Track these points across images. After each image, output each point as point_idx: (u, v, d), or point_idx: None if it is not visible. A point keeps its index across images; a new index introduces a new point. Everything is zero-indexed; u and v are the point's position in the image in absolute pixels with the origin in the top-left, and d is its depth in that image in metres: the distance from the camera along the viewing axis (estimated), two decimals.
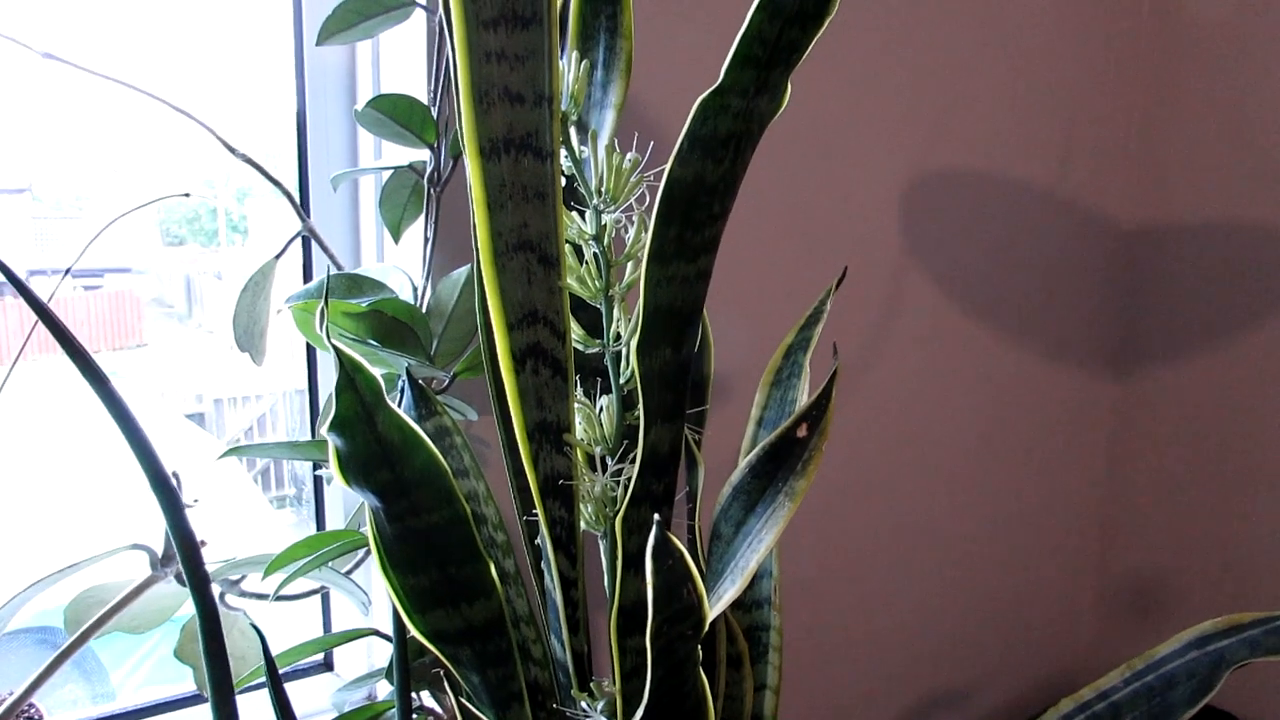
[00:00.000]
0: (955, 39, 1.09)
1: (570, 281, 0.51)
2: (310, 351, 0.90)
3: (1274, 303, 1.17)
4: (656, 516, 0.38)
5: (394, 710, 0.70)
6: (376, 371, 0.47)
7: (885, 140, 1.06)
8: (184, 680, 0.96)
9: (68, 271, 0.71)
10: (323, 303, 0.45)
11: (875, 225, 1.07)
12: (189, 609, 0.82)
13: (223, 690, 0.52)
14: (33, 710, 0.77)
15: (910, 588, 1.20)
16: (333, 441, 0.46)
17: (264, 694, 0.91)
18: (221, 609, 0.83)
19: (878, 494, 1.15)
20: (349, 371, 0.45)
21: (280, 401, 2.44)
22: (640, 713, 0.41)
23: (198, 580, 0.51)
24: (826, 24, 0.42)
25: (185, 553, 0.50)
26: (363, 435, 0.47)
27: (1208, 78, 1.20)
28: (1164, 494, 1.29)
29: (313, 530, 0.92)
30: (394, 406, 0.47)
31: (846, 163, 1.04)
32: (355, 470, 0.48)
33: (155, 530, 0.78)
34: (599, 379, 0.56)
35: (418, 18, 0.75)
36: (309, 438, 0.91)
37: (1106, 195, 1.27)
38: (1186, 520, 1.26)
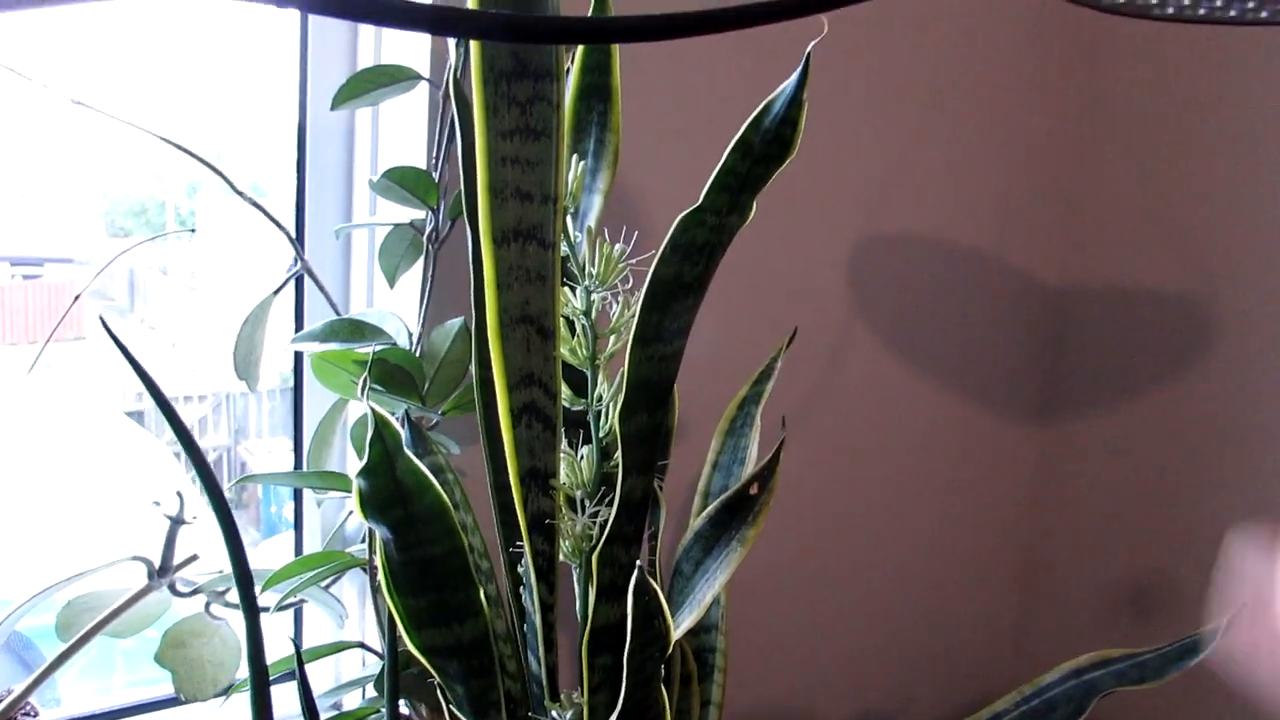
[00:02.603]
0: (899, 113, 1.21)
1: (563, 351, 0.60)
2: (299, 380, 0.97)
3: (1181, 360, 1.31)
4: (639, 562, 0.47)
5: (374, 717, 0.78)
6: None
7: (834, 206, 1.17)
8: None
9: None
10: (367, 368, 0.53)
11: (824, 285, 1.18)
12: (170, 616, 0.88)
13: (263, 708, 0.59)
14: (29, 708, 0.82)
15: (845, 615, 1.31)
16: (359, 484, 0.54)
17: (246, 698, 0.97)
18: (205, 617, 0.89)
19: (813, 528, 1.25)
20: (379, 427, 0.53)
21: (224, 403, 2.45)
22: (616, 714, 0.49)
23: (250, 605, 0.58)
24: (788, 162, 0.52)
25: (241, 580, 0.57)
26: (384, 479, 0.55)
27: (1128, 153, 1.34)
28: (1081, 532, 1.42)
29: (258, 532, 0.97)
30: (410, 455, 0.55)
31: (798, 229, 1.14)
32: (374, 507, 0.56)
33: (151, 542, 0.84)
34: (580, 430, 0.65)
35: (421, 88, 0.83)
36: (294, 466, 0.97)
37: (1035, 257, 1.40)
38: (1104, 554, 1.39)
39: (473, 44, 0.54)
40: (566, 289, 0.63)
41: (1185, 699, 1.30)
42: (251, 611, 0.59)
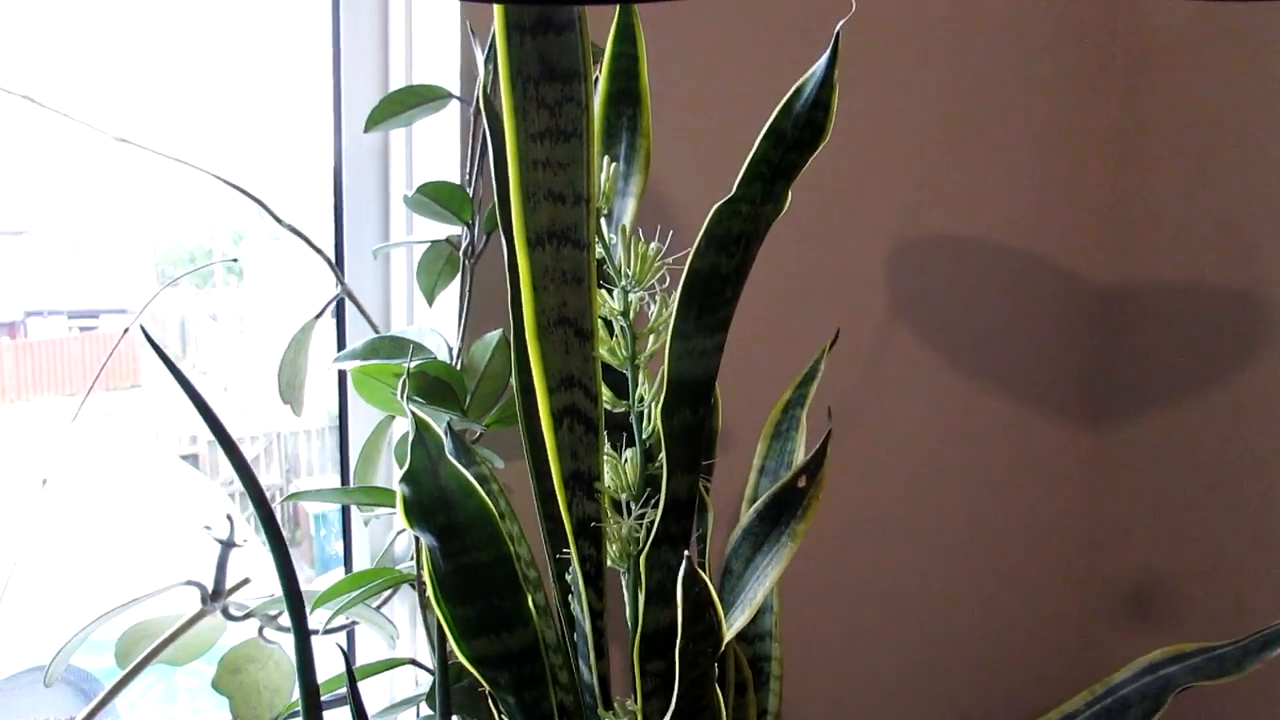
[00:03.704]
0: (940, 110, 1.19)
1: (602, 352, 0.60)
2: (343, 405, 0.98)
3: (1234, 353, 1.27)
4: (686, 553, 0.46)
5: None
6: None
7: (874, 205, 1.16)
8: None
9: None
10: (404, 376, 0.53)
11: (865, 286, 1.17)
12: (225, 642, 0.89)
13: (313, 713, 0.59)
14: None
15: (902, 625, 1.28)
16: (402, 490, 0.54)
17: None
18: (259, 642, 0.89)
19: (864, 536, 1.23)
20: (420, 431, 0.53)
21: (274, 443, 2.49)
22: (669, 715, 0.48)
23: (299, 624, 0.58)
24: (821, 148, 0.51)
25: (290, 597, 0.57)
26: (427, 484, 0.55)
27: (1175, 147, 1.31)
28: (1141, 533, 1.37)
29: (312, 570, 0.98)
30: (453, 460, 0.55)
31: (835, 230, 1.13)
32: (418, 514, 0.56)
33: (204, 568, 0.85)
34: (623, 433, 0.64)
35: (452, 106, 0.84)
36: (340, 483, 0.98)
37: (1079, 252, 1.37)
38: (1164, 557, 1.35)
39: (500, 49, 0.54)
40: (604, 291, 0.62)
41: (1264, 696, 1.24)
42: (301, 631, 0.59)
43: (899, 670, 1.29)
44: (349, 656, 0.63)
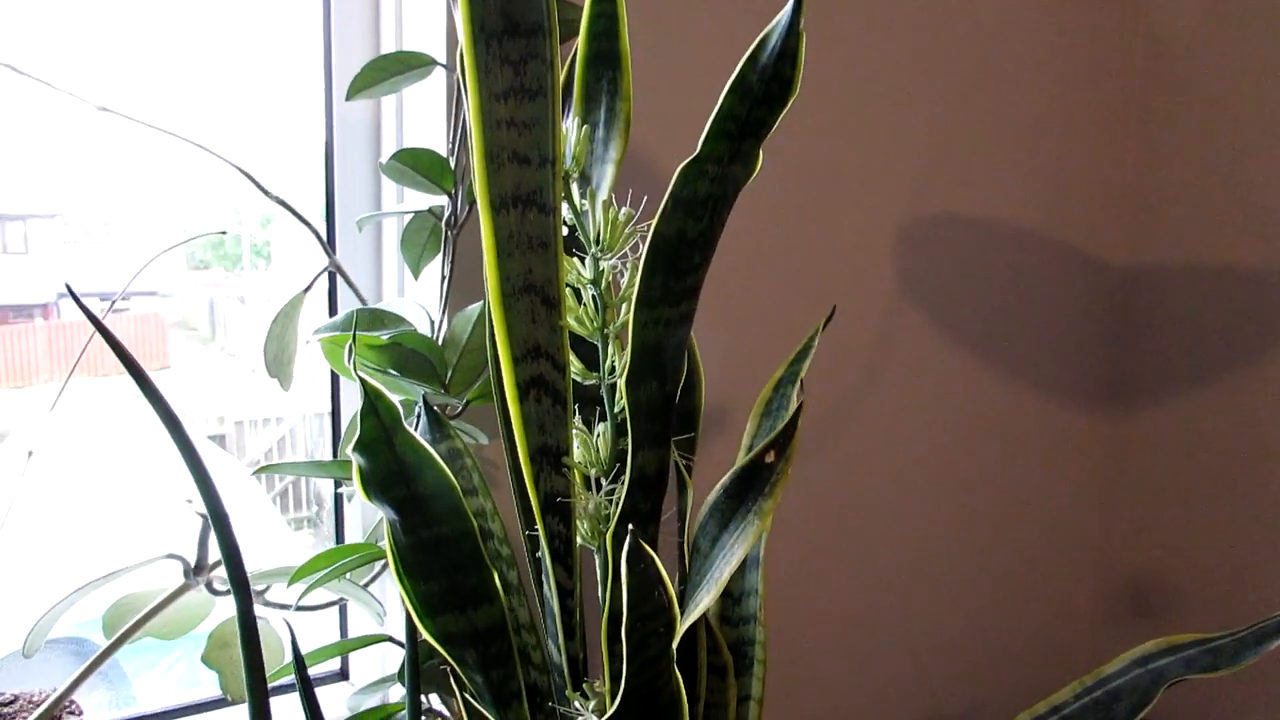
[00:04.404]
0: (949, 82, 1.15)
1: (570, 321, 0.58)
2: (335, 379, 0.96)
3: (1258, 341, 1.22)
4: (630, 526, 0.44)
5: (404, 712, 0.76)
6: (396, 399, 0.53)
7: (879, 183, 1.12)
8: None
9: (123, 294, 0.77)
10: (351, 338, 0.51)
11: (870, 264, 1.13)
12: (215, 618, 0.88)
13: (258, 688, 0.58)
14: (74, 706, 0.83)
15: (902, 612, 1.25)
16: (356, 460, 0.53)
17: (288, 699, 0.97)
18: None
19: (870, 522, 1.20)
20: (371, 399, 0.51)
21: (300, 424, 2.51)
22: (617, 700, 0.46)
23: (239, 585, 0.57)
24: (790, 104, 0.48)
25: (229, 558, 0.56)
26: (383, 455, 0.53)
27: (1198, 120, 1.26)
28: (1154, 528, 1.33)
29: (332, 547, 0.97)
30: (410, 430, 0.54)
31: (842, 204, 1.10)
32: (375, 486, 0.54)
33: (187, 543, 0.84)
34: (596, 407, 0.62)
35: (438, 75, 0.82)
36: (332, 458, 0.97)
37: (1097, 235, 1.32)
38: (1178, 547, 1.30)
39: (460, 3, 0.52)
40: (575, 259, 0.60)
41: (1263, 691, 1.20)
42: (243, 592, 0.57)
43: (897, 660, 1.26)
44: (294, 634, 0.62)
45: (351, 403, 0.96)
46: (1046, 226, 1.27)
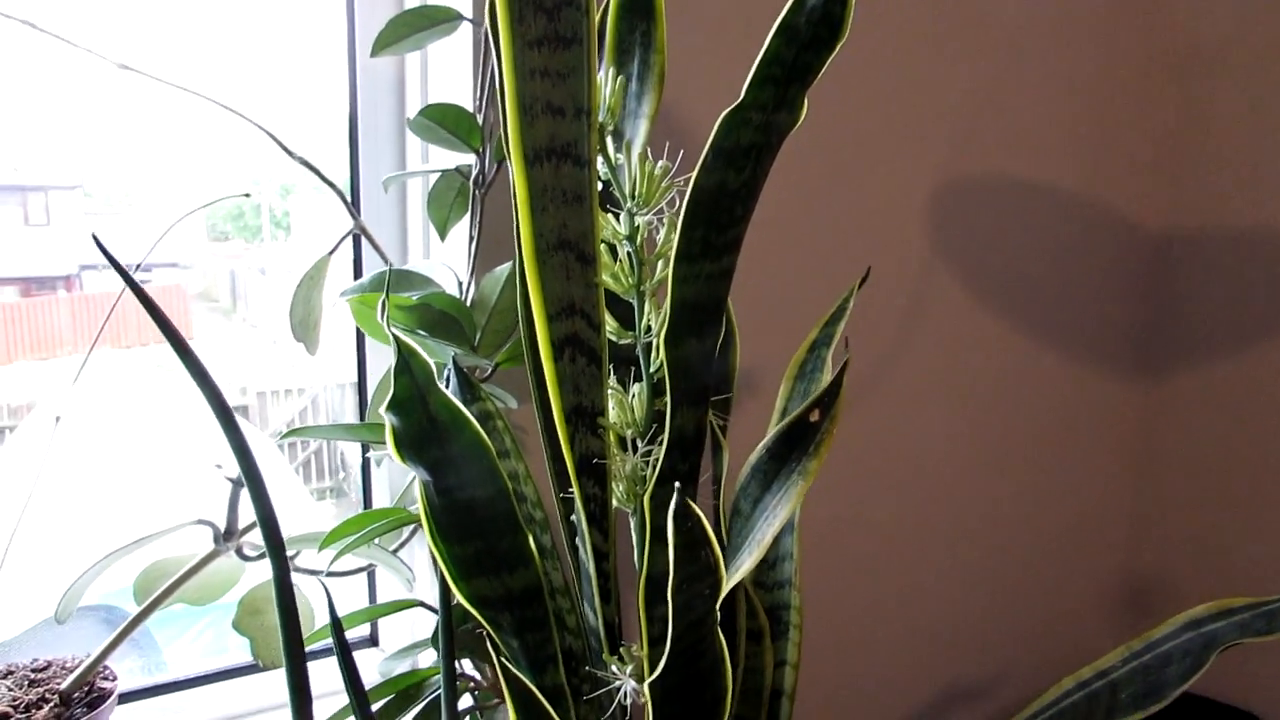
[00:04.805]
0: (986, 45, 1.12)
1: (605, 278, 0.56)
2: (360, 346, 0.95)
3: None
4: (677, 484, 0.42)
5: (437, 676, 0.75)
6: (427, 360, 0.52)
7: (915, 144, 1.10)
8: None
9: (137, 266, 0.76)
10: (384, 295, 0.50)
11: (903, 227, 1.11)
12: (245, 585, 0.88)
13: (295, 652, 0.58)
14: (108, 672, 0.83)
15: (932, 581, 1.23)
16: (389, 420, 0.51)
17: (320, 664, 0.97)
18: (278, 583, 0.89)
19: (901, 489, 1.18)
20: (405, 356, 0.50)
21: (321, 395, 2.51)
22: (662, 663, 0.45)
23: (275, 548, 0.57)
24: (839, 48, 0.46)
25: (265, 521, 0.56)
26: (416, 414, 0.52)
27: (1238, 83, 1.22)
28: (1190, 496, 1.30)
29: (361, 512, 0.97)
30: (443, 389, 0.52)
31: (876, 165, 1.07)
32: (409, 446, 0.53)
33: (216, 510, 0.84)
34: (631, 367, 0.61)
35: (464, 30, 0.80)
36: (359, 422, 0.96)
37: (1135, 199, 1.29)
38: (1211, 522, 1.28)
39: None
40: (609, 215, 0.58)
41: None
42: (282, 574, 0.57)
43: (928, 626, 1.25)
44: (330, 596, 0.61)
45: (377, 368, 0.96)
46: (1083, 191, 1.24)
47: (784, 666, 0.70)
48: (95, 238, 0.51)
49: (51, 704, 0.79)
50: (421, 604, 0.77)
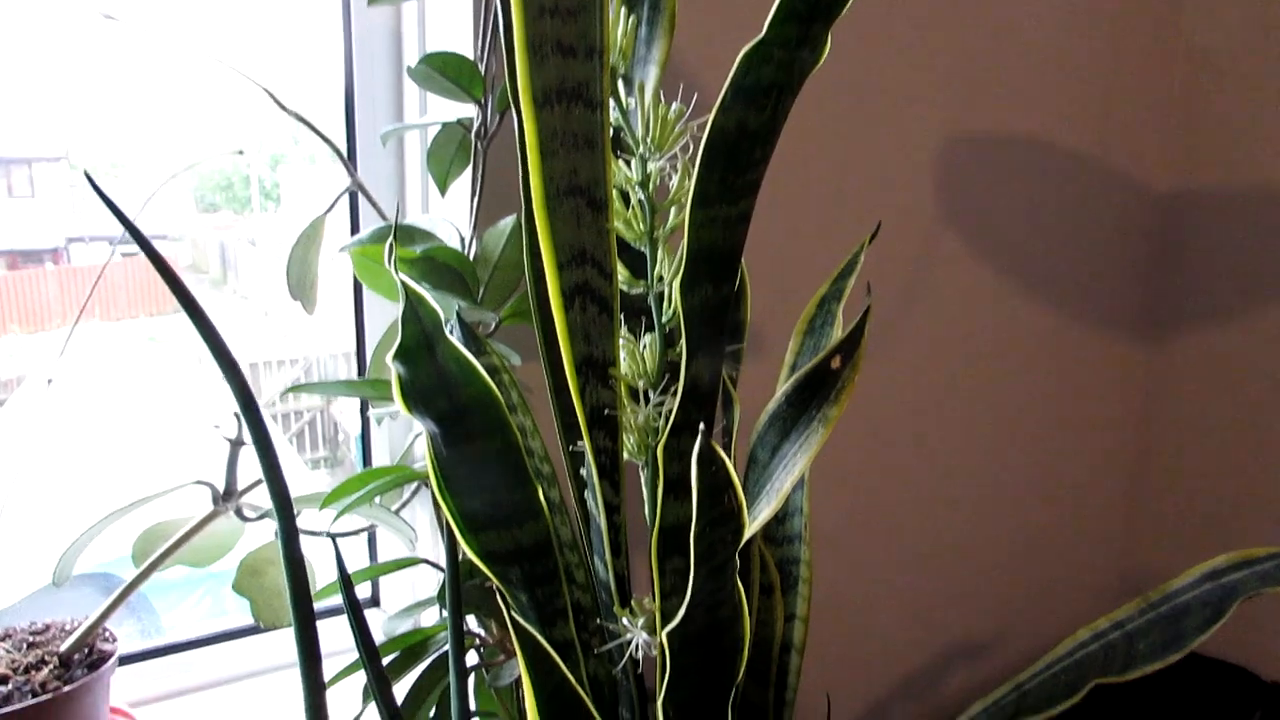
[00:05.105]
0: (996, 1, 1.10)
1: (617, 225, 0.55)
2: (358, 306, 0.94)
3: None
4: (702, 425, 0.41)
5: (442, 633, 0.75)
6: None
7: (923, 100, 1.08)
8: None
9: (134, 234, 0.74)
10: (390, 242, 0.48)
11: (911, 184, 1.10)
12: (244, 547, 0.87)
13: (304, 612, 0.57)
14: (107, 634, 0.82)
15: (936, 539, 1.23)
16: (396, 369, 0.50)
17: (323, 624, 0.96)
18: (279, 545, 0.88)
19: (907, 447, 1.18)
20: (413, 303, 0.48)
21: (315, 365, 2.49)
22: (682, 610, 0.44)
23: (282, 505, 0.55)
24: None
25: (272, 478, 0.54)
26: (424, 364, 0.51)
27: (1248, 41, 1.21)
28: (1193, 460, 1.31)
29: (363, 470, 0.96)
30: (453, 340, 0.51)
31: (883, 122, 1.06)
32: (416, 397, 0.52)
33: (215, 470, 0.83)
34: (642, 318, 0.59)
35: None
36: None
37: (1143, 159, 1.28)
38: (1213, 486, 1.28)
39: None
40: (620, 162, 0.57)
41: None
42: (289, 534, 0.56)
43: (933, 580, 1.25)
44: (339, 551, 0.60)
45: (374, 331, 0.94)
46: (1091, 148, 1.23)
47: (794, 620, 0.70)
48: (90, 178, 0.49)
49: (51, 666, 0.78)
50: (427, 561, 0.77)
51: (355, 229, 0.94)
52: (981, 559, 1.28)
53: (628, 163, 0.56)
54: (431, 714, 0.75)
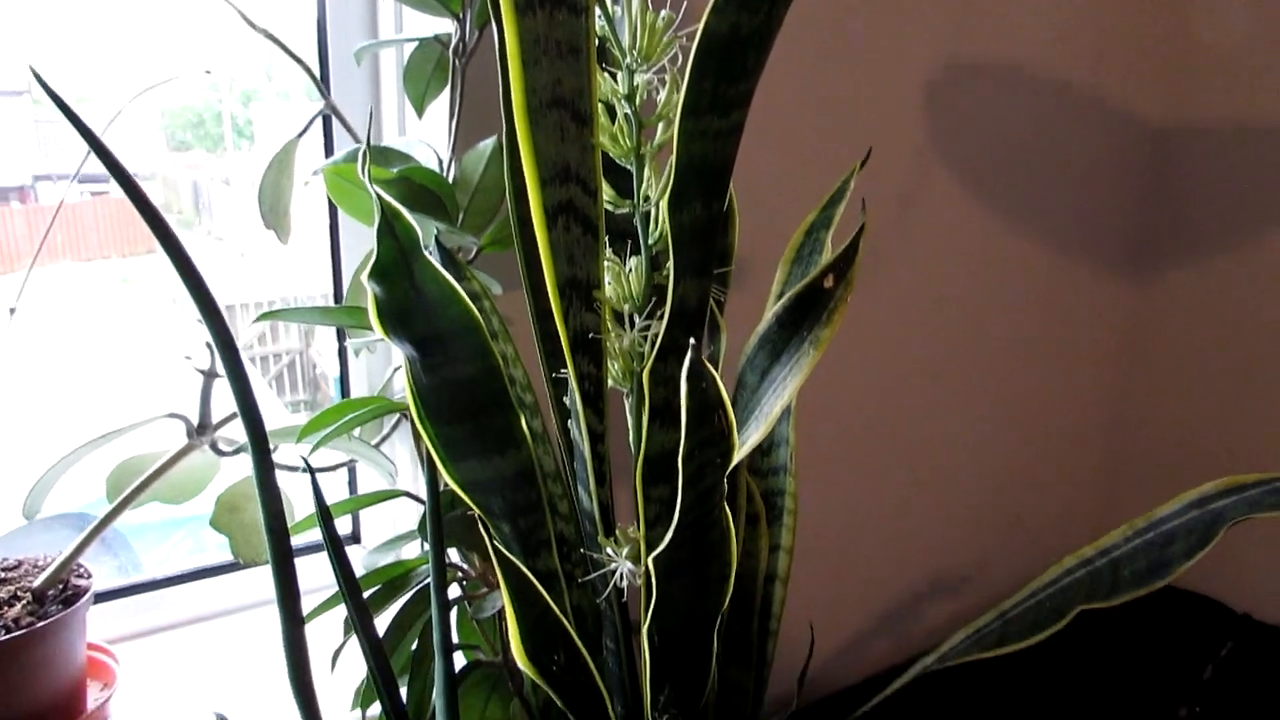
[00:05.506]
0: None
1: (603, 140, 0.52)
2: (334, 232, 0.91)
3: None
4: (692, 340, 0.40)
5: (424, 566, 0.74)
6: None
7: (913, 26, 1.05)
8: None
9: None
10: (364, 157, 0.46)
11: (899, 114, 1.07)
12: (221, 483, 0.85)
13: (281, 548, 0.55)
14: (82, 570, 0.81)
15: (920, 471, 1.24)
16: (372, 289, 0.48)
17: (302, 561, 0.95)
18: (253, 480, 0.86)
19: (890, 377, 1.17)
20: (389, 218, 0.46)
21: (292, 305, 2.45)
22: (670, 534, 0.43)
23: (258, 440, 0.54)
24: None
25: (246, 411, 0.52)
26: (401, 285, 0.49)
27: None
28: (1176, 395, 1.31)
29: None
30: (432, 259, 0.49)
31: (872, 49, 1.03)
32: (393, 320, 0.50)
33: (189, 403, 0.81)
34: (627, 241, 0.57)
35: None
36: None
37: (1137, 91, 1.25)
38: (1197, 412, 1.29)
39: None
40: (606, 75, 0.54)
41: None
42: (265, 468, 0.54)
43: (914, 514, 1.26)
44: (317, 483, 0.59)
45: (351, 260, 0.91)
46: (1082, 82, 1.21)
47: (778, 551, 0.69)
48: (52, 92, 0.46)
49: (24, 602, 0.76)
50: (407, 494, 0.75)
51: (329, 153, 0.90)
52: (963, 492, 1.29)
53: (613, 76, 0.54)
54: (414, 647, 0.75)
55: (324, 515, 0.59)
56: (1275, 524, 0.79)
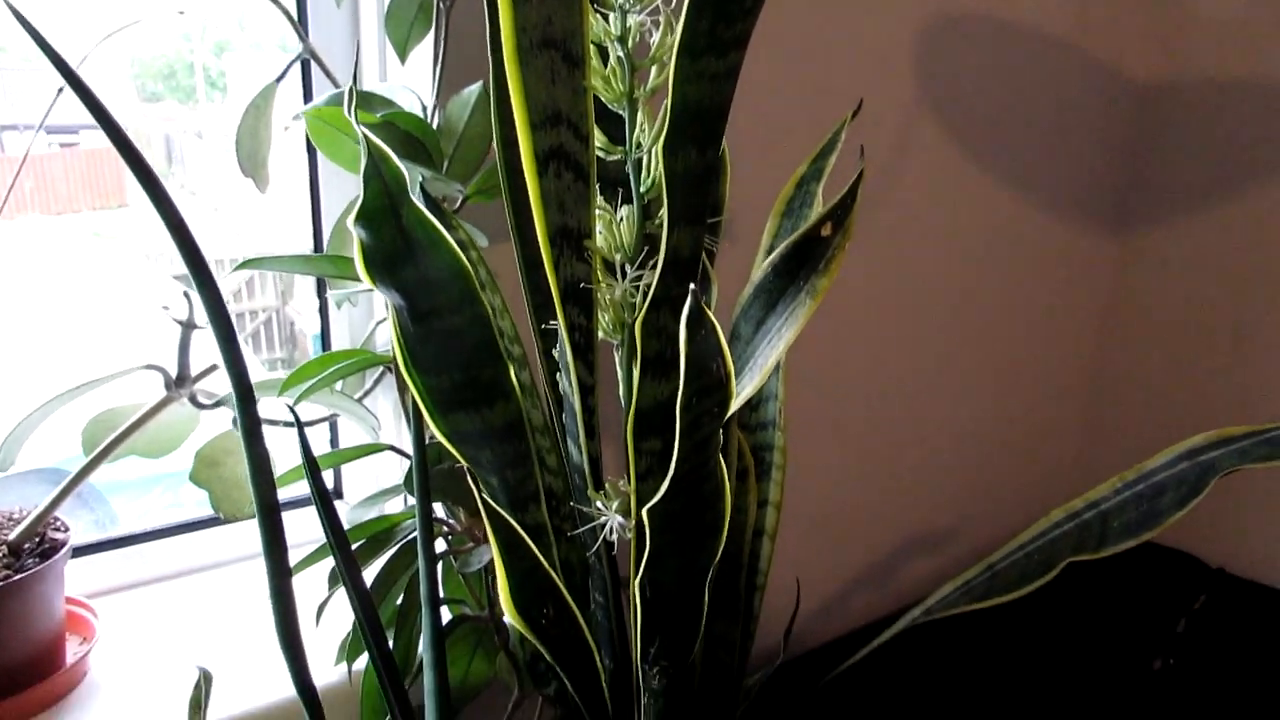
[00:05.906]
0: None
1: (595, 83, 0.51)
2: (313, 183, 0.89)
3: (1277, 162, 1.17)
4: (693, 286, 0.39)
5: (409, 521, 0.73)
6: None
7: None
8: None
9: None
10: (350, 96, 0.44)
11: (887, 67, 1.05)
12: (200, 437, 0.84)
13: (268, 501, 0.54)
14: (59, 523, 0.79)
15: (904, 426, 1.24)
16: (358, 233, 0.47)
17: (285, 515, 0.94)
18: (237, 433, 0.84)
19: (873, 333, 1.17)
20: (376, 160, 0.45)
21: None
22: (665, 485, 0.43)
23: (243, 392, 0.52)
24: None
25: (232, 363, 0.51)
26: (388, 229, 0.47)
27: None
28: (1158, 345, 1.32)
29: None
30: (418, 203, 0.47)
31: (861, 3, 1.01)
32: (380, 265, 0.48)
33: (167, 355, 0.79)
34: (618, 189, 0.56)
35: None
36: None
37: (1124, 45, 1.24)
38: (1174, 376, 1.30)
39: None
40: (599, 17, 0.53)
41: None
42: (251, 423, 0.53)
43: (898, 469, 1.26)
44: (304, 434, 0.57)
45: (332, 210, 0.89)
46: (1071, 33, 1.19)
47: (766, 506, 0.69)
48: (25, 20, 0.44)
49: None
50: (392, 448, 0.74)
51: (308, 98, 0.88)
52: (947, 448, 1.30)
53: (605, 17, 0.52)
54: (399, 601, 0.74)
55: (311, 467, 0.58)
56: (1250, 480, 0.80)
